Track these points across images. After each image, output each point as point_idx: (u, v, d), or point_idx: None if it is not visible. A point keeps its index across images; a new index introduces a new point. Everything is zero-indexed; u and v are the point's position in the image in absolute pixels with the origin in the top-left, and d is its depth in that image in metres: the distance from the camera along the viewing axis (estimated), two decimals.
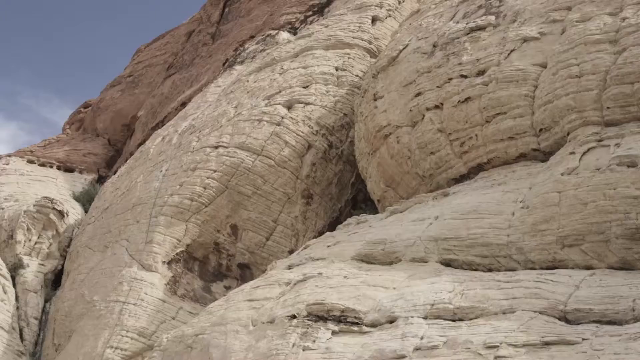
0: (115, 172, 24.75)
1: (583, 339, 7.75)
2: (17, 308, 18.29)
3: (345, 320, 9.56)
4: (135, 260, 16.39)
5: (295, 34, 23.67)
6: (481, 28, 13.36)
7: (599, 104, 10.73)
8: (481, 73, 12.66)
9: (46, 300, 18.96)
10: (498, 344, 8.00)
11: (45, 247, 20.01)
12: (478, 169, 12.71)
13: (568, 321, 8.27)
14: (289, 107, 17.60)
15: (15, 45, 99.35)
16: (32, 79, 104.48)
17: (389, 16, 20.57)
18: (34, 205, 20.38)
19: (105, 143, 33.86)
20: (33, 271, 19.26)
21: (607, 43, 11.02)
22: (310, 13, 25.21)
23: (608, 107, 10.62)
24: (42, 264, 19.64)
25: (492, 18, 13.37)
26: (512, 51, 12.42)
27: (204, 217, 16.52)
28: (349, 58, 18.85)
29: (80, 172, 28.89)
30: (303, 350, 9.31)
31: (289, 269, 12.02)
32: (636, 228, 8.99)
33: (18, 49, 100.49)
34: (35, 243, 19.93)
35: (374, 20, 20.35)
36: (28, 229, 19.91)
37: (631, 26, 10.83)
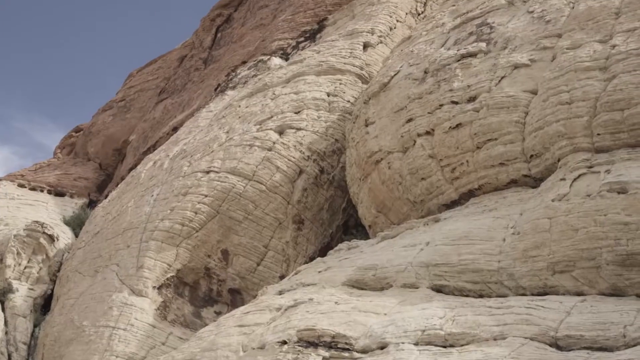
0: (106, 197, 24.69)
1: None
2: (6, 333, 18.18)
3: (336, 346, 9.52)
4: (126, 285, 16.32)
5: (287, 59, 23.75)
6: (472, 55, 13.43)
7: (589, 130, 10.78)
8: (472, 99, 12.71)
9: (35, 325, 18.85)
10: None
11: (35, 272, 19.92)
12: (469, 194, 12.73)
13: (559, 347, 8.26)
14: (281, 133, 17.62)
15: (9, 69, 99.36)
16: (26, 102, 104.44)
17: (381, 42, 20.67)
18: (24, 230, 20.31)
19: (96, 167, 33.81)
20: (22, 296, 19.16)
21: (597, 70, 11.09)
22: (302, 39, 25.32)
23: (598, 134, 10.66)
24: (32, 289, 19.54)
25: (483, 45, 13.45)
26: (502, 78, 12.48)
27: (194, 242, 16.49)
28: (340, 84, 18.91)
29: (71, 196, 28.84)
30: None
31: (280, 294, 11.99)
32: (627, 254, 9.00)
33: (12, 72, 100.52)
34: (25, 267, 19.84)
35: (366, 46, 20.45)
36: (18, 253, 19.82)
37: (621, 53, 10.90)
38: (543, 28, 12.72)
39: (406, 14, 22.21)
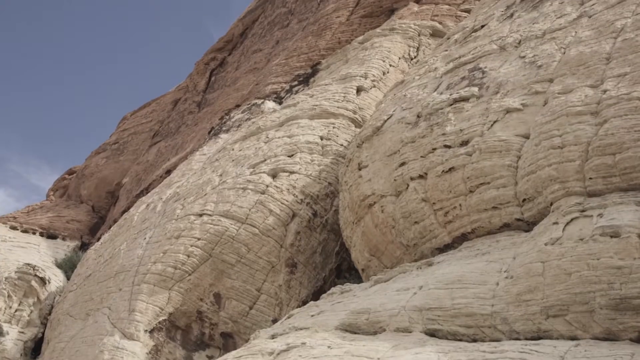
0: (98, 239, 24.64)
1: None
2: None
3: None
4: (117, 328, 16.22)
5: (280, 103, 23.90)
6: (464, 99, 13.51)
7: (581, 174, 10.81)
8: (465, 143, 12.76)
9: None
10: None
11: (26, 315, 19.82)
12: (462, 238, 12.72)
13: None
14: (274, 176, 17.66)
15: (5, 111, 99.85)
16: (22, 145, 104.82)
17: (374, 86, 20.81)
18: (16, 272, 20.25)
19: (89, 210, 33.81)
20: (13, 339, 19.04)
21: (588, 115, 11.16)
22: (295, 83, 25.50)
23: (590, 178, 10.70)
24: (22, 332, 19.42)
25: (475, 89, 13.54)
26: (495, 122, 12.54)
27: (187, 285, 16.43)
28: (333, 127, 18.99)
29: (63, 238, 28.81)
30: None
31: (273, 338, 11.91)
32: (620, 298, 8.98)
33: (8, 114, 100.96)
34: (16, 310, 19.74)
35: (359, 90, 20.59)
36: (9, 296, 19.73)
37: (612, 98, 10.98)
38: (535, 73, 12.82)
39: (399, 58, 22.40)
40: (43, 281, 20.38)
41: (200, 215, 17.28)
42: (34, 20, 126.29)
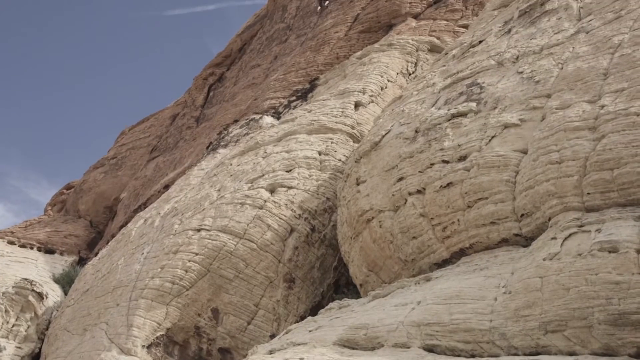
0: (96, 254, 24.61)
1: None
2: None
3: None
4: (115, 343, 16.17)
5: (278, 118, 23.93)
6: (462, 114, 13.54)
7: (579, 189, 10.82)
8: (463, 158, 12.77)
9: None
10: None
11: (23, 330, 19.76)
12: (460, 253, 12.71)
13: None
14: (272, 191, 17.66)
15: (5, 126, 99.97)
16: (22, 159, 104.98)
17: (372, 102, 20.86)
18: (13, 287, 20.20)
19: (87, 225, 33.78)
20: (10, 354, 18.97)
21: (586, 130, 11.17)
22: (293, 98, 25.55)
23: (588, 193, 10.70)
24: (19, 347, 19.36)
25: (473, 105, 13.57)
26: (493, 137, 12.56)
27: (185, 300, 16.39)
28: (332, 143, 19.01)
29: (61, 253, 28.78)
30: None
31: (270, 354, 11.88)
32: (618, 314, 8.97)
33: (8, 129, 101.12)
34: (13, 325, 19.69)
35: (357, 105, 20.63)
36: (6, 311, 19.68)
37: (609, 114, 11.00)
38: (532, 88, 12.85)
39: (397, 73, 22.46)
40: (40, 296, 20.33)
41: (198, 230, 17.27)
42: (33, 33, 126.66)
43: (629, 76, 11.39)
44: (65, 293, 21.81)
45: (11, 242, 27.70)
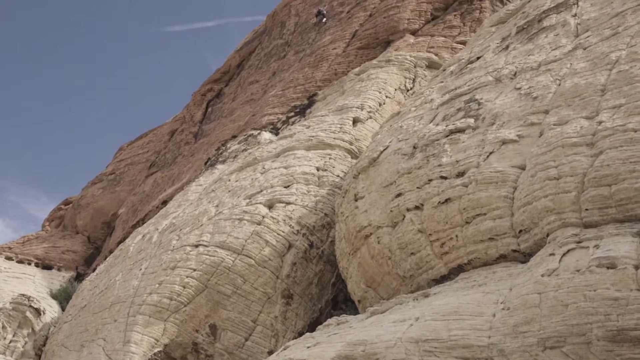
0: (94, 270, 24.57)
1: None
2: None
3: None
4: None
5: (277, 134, 23.95)
6: (460, 130, 13.56)
7: (577, 205, 10.82)
8: (461, 174, 12.78)
9: None
10: None
11: (20, 346, 19.71)
12: (459, 269, 12.70)
13: None
14: (270, 207, 17.64)
15: (5, 141, 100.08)
16: (21, 175, 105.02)
17: (370, 118, 20.88)
18: (10, 303, 20.16)
19: (84, 240, 33.73)
20: None
21: (584, 146, 11.19)
22: (292, 114, 25.58)
23: (586, 209, 10.70)
24: None
25: (471, 121, 13.59)
26: (491, 153, 12.57)
27: (182, 316, 16.35)
28: (330, 158, 19.02)
29: (59, 269, 28.74)
30: None
31: None
32: (617, 330, 8.96)
33: (8, 144, 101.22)
34: (10, 341, 19.63)
35: (355, 121, 20.65)
36: (3, 327, 19.63)
37: (607, 130, 11.02)
38: (530, 104, 12.88)
39: (395, 90, 22.50)
40: (38, 312, 20.29)
41: (196, 246, 17.24)
42: (32, 49, 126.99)
43: (627, 92, 11.42)
44: (63, 309, 21.75)
45: (9, 258, 27.66)
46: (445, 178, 13.03)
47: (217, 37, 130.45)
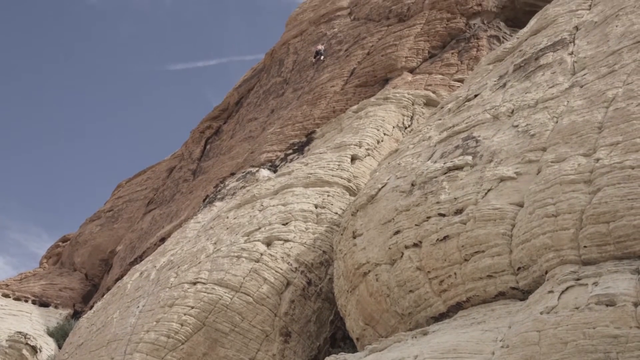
0: (91, 307, 24.46)
1: None
2: None
3: None
4: None
5: (275, 171, 23.99)
6: (458, 167, 13.59)
7: (575, 242, 10.82)
8: (459, 212, 12.79)
9: None
10: None
11: None
12: (457, 307, 12.66)
13: None
14: (268, 244, 17.62)
15: (6, 179, 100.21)
16: (22, 213, 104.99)
17: (368, 155, 20.93)
18: (7, 340, 20.08)
19: (82, 278, 33.62)
20: None
21: (582, 183, 11.22)
22: (290, 151, 25.65)
23: (585, 246, 10.70)
24: None
25: (469, 158, 13.62)
26: (489, 190, 12.59)
27: (180, 354, 16.25)
28: (328, 196, 19.03)
29: (56, 306, 28.63)
30: None
31: None
32: None
33: (9, 182, 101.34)
34: None
35: (353, 159, 20.70)
36: None
37: (605, 167, 11.05)
38: (528, 142, 12.93)
39: (393, 127, 22.59)
40: (34, 350, 20.19)
41: (194, 283, 17.19)
42: (33, 84, 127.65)
43: (624, 130, 11.47)
44: (60, 347, 21.64)
45: (6, 295, 27.55)
46: (444, 215, 13.03)
47: (219, 75, 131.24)
